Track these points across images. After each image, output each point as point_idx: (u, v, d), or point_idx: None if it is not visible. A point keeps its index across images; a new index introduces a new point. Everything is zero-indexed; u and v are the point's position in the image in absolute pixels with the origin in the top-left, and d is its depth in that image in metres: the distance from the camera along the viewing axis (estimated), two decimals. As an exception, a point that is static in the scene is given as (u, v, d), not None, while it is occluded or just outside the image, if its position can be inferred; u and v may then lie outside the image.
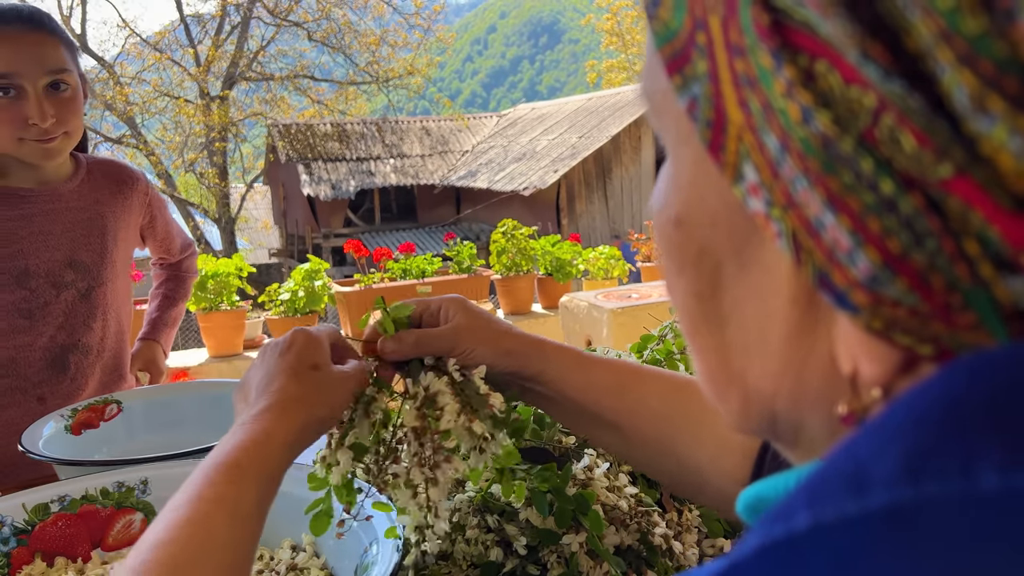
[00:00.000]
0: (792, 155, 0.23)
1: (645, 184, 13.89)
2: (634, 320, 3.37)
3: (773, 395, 0.28)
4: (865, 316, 0.23)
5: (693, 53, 0.26)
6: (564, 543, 0.72)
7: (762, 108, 0.23)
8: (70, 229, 1.36)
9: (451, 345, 0.64)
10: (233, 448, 0.53)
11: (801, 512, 0.20)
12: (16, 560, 0.80)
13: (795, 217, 0.23)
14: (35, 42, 1.24)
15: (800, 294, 0.25)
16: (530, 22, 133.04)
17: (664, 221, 0.30)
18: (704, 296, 0.30)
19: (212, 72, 15.20)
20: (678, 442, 0.63)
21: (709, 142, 0.26)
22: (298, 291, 3.75)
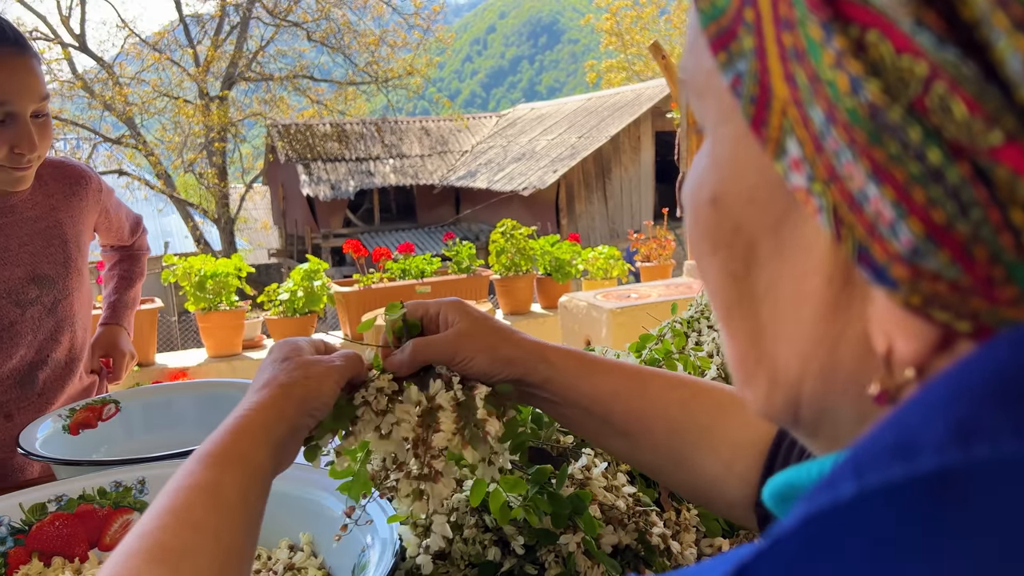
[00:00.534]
0: (838, 127, 0.23)
1: (644, 184, 13.89)
2: (633, 320, 3.37)
3: (801, 377, 0.28)
4: (904, 291, 0.23)
5: (740, 30, 0.26)
6: (562, 543, 0.72)
7: (809, 81, 0.23)
8: (28, 242, 1.30)
9: (451, 353, 0.63)
10: (210, 440, 0.54)
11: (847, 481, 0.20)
12: (13, 560, 0.80)
13: (837, 191, 0.23)
14: (26, 68, 1.18)
15: (836, 271, 0.25)
16: (529, 22, 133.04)
17: (700, 200, 0.30)
18: (738, 275, 0.30)
19: (211, 72, 15.19)
20: (690, 448, 0.62)
21: (752, 117, 0.26)
22: (297, 291, 3.75)
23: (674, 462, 0.63)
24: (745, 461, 0.60)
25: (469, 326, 0.65)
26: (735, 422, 0.61)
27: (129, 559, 0.45)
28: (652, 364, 1.02)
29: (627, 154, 13.70)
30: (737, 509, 0.61)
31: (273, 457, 0.55)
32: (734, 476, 0.60)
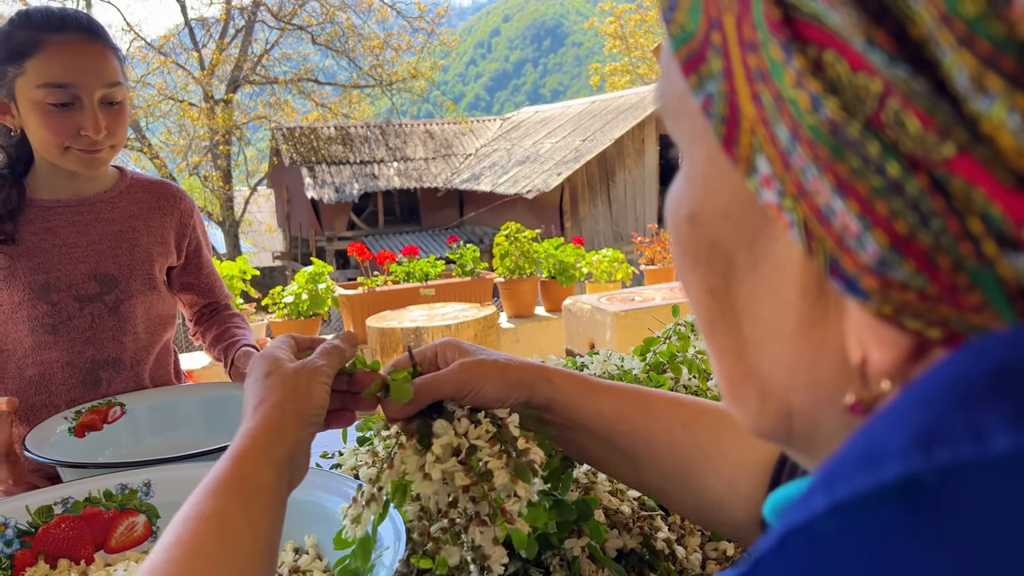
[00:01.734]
0: (802, 144, 0.23)
1: (648, 187, 13.88)
2: (637, 323, 3.37)
3: (788, 389, 0.29)
4: (875, 301, 0.23)
5: (708, 52, 0.27)
6: (566, 547, 0.72)
7: (774, 100, 0.24)
8: (96, 241, 1.33)
9: (459, 386, 0.62)
10: (216, 469, 0.54)
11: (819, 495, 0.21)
12: (19, 562, 0.80)
13: (806, 206, 0.24)
14: (95, 53, 1.24)
15: (810, 285, 0.26)
16: (533, 25, 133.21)
17: (678, 218, 0.31)
18: (718, 291, 0.30)
19: (216, 76, 15.25)
20: (693, 468, 0.62)
21: (723, 137, 0.27)
22: (302, 294, 3.76)
23: (678, 483, 0.63)
24: (748, 480, 0.59)
25: (471, 359, 0.64)
26: (738, 441, 0.61)
27: None
28: (657, 367, 1.02)
29: (631, 157, 13.70)
30: (741, 529, 0.61)
31: (280, 476, 0.55)
32: (737, 496, 0.60)
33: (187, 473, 0.89)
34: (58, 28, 1.21)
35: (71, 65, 1.21)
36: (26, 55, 1.20)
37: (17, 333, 1.29)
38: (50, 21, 1.22)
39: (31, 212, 1.29)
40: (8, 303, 1.28)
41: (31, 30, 1.21)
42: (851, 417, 0.26)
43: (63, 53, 1.21)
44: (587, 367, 1.11)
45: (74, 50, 1.22)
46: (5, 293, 1.28)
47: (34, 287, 1.28)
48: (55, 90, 1.21)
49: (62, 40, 1.21)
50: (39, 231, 1.29)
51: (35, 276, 1.28)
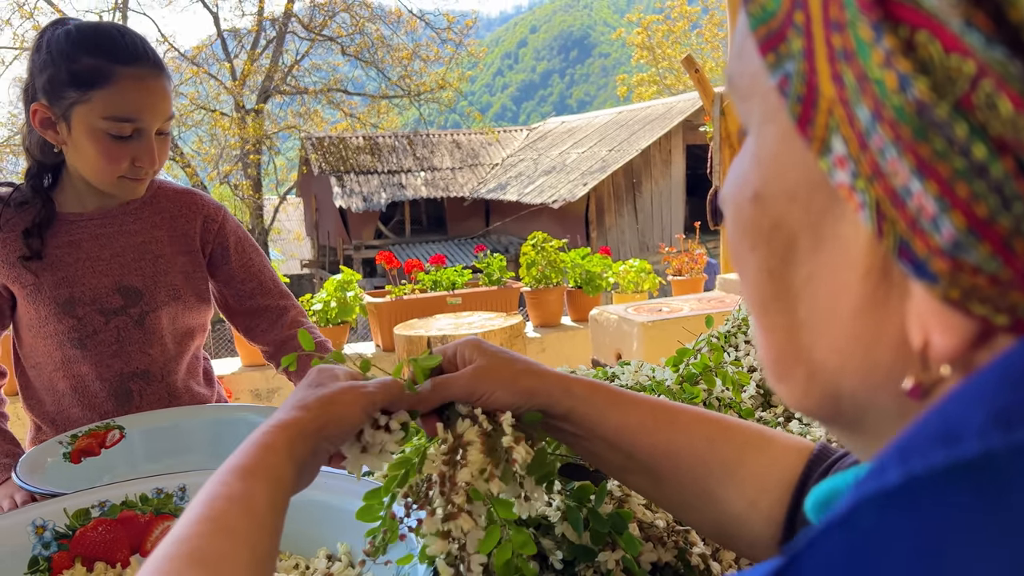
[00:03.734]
0: (884, 124, 0.23)
1: (675, 198, 13.82)
2: (665, 334, 3.35)
3: (840, 371, 0.29)
4: (943, 285, 0.23)
5: (789, 32, 0.27)
6: (601, 560, 0.71)
7: (856, 80, 0.24)
8: (120, 254, 1.31)
9: (469, 389, 0.63)
10: (239, 453, 0.55)
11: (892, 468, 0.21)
12: (57, 564, 0.82)
13: (880, 187, 0.24)
14: (160, 89, 1.23)
15: (875, 267, 0.26)
16: (560, 36, 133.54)
17: (741, 198, 0.31)
18: (776, 272, 0.30)
19: (247, 86, 15.48)
20: (715, 484, 0.61)
21: (799, 116, 0.27)
22: (330, 301, 3.79)
23: (698, 498, 0.62)
24: (770, 499, 0.59)
25: (487, 362, 0.64)
26: (762, 459, 0.60)
27: (169, 562, 0.46)
28: (690, 379, 1.01)
29: (658, 167, 13.65)
30: (759, 548, 0.60)
31: (296, 475, 0.56)
32: (758, 514, 0.59)
33: (221, 478, 0.90)
34: (130, 61, 1.19)
35: (140, 101, 1.20)
36: (95, 85, 1.18)
37: (47, 347, 1.29)
38: (123, 53, 1.19)
39: (56, 226, 1.28)
40: (35, 318, 1.27)
41: (101, 59, 1.18)
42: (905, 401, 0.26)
43: (134, 88, 1.20)
44: (617, 378, 1.10)
45: (144, 86, 1.21)
46: (32, 308, 1.27)
47: (59, 301, 1.26)
48: (121, 124, 1.20)
49: (134, 74, 1.19)
50: (62, 245, 1.27)
51: (60, 290, 1.26)
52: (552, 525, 0.73)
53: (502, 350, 0.66)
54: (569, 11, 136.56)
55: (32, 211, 1.26)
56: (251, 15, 15.93)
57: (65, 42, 1.19)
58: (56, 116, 1.21)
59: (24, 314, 1.28)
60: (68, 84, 1.18)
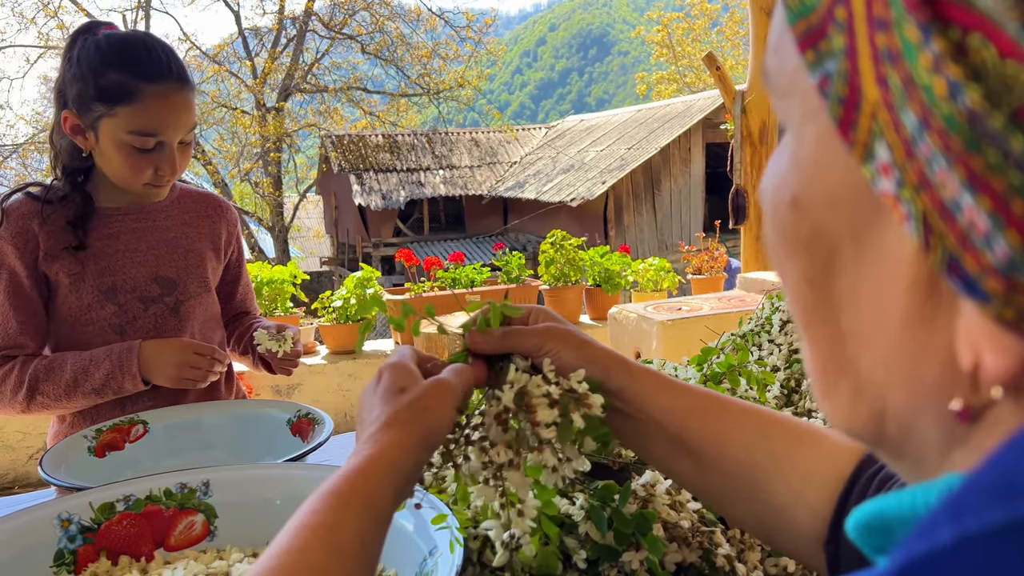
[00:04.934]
0: (932, 133, 0.22)
1: (694, 196, 13.74)
2: (684, 333, 3.33)
3: (886, 386, 0.27)
4: (996, 305, 0.22)
5: (830, 28, 0.25)
6: (625, 560, 0.70)
7: (903, 84, 0.22)
8: (155, 247, 1.39)
9: (539, 344, 0.63)
10: (337, 477, 0.52)
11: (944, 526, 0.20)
12: (82, 558, 0.82)
13: (928, 199, 0.22)
14: (184, 103, 1.27)
15: (921, 281, 0.24)
16: (579, 34, 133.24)
17: (779, 201, 0.30)
18: (816, 282, 0.29)
19: (268, 84, 15.59)
20: (761, 474, 0.60)
21: (840, 119, 0.25)
22: (350, 299, 3.80)
23: (743, 488, 0.61)
24: (818, 493, 0.57)
25: (557, 325, 0.66)
26: (810, 454, 0.59)
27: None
28: (714, 378, 1.00)
29: (677, 166, 13.58)
30: (803, 544, 0.58)
31: (397, 496, 0.54)
32: (804, 508, 0.58)
33: (245, 474, 0.90)
34: (155, 78, 1.23)
35: (163, 117, 1.25)
36: (121, 101, 1.23)
37: (86, 335, 1.33)
38: (148, 69, 1.23)
39: (95, 219, 1.34)
40: (77, 306, 1.32)
41: (127, 75, 1.22)
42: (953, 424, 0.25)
43: (158, 104, 1.24)
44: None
45: (168, 102, 1.25)
46: (74, 296, 1.32)
47: (102, 289, 1.33)
48: (144, 138, 1.25)
49: (158, 91, 1.24)
50: (103, 237, 1.34)
51: (103, 279, 1.33)
52: (576, 524, 0.72)
53: (568, 322, 0.68)
54: (588, 9, 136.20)
55: (72, 206, 1.32)
56: (272, 13, 16.04)
57: (94, 56, 1.24)
58: (85, 125, 1.27)
59: (64, 304, 1.33)
60: (95, 99, 1.23)
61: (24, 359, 1.29)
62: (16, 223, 1.29)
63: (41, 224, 1.29)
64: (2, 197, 1.33)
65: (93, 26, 1.29)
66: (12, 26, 18.31)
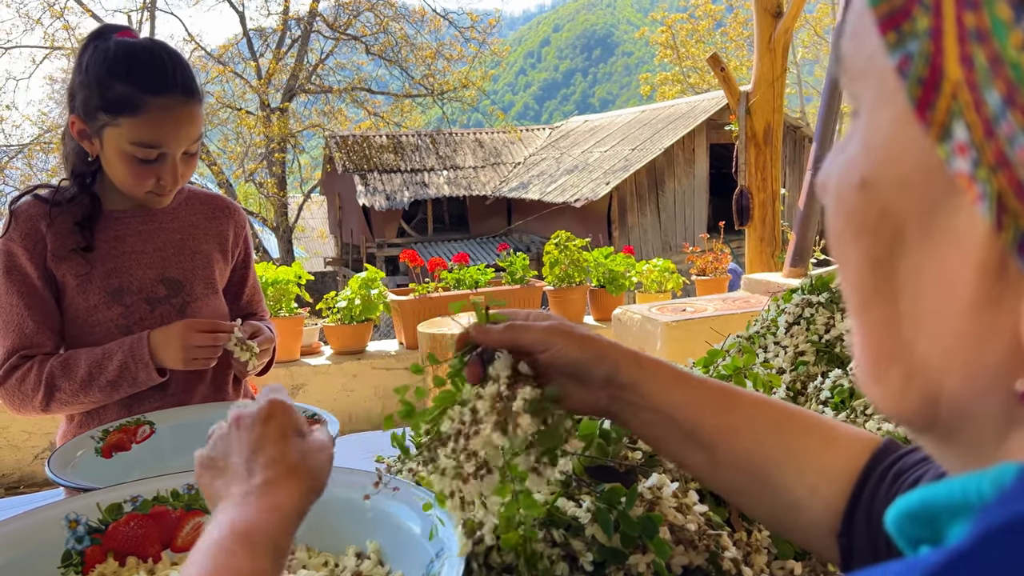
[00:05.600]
0: (1016, 111, 0.22)
1: (698, 197, 13.73)
2: (689, 334, 3.32)
3: (942, 371, 0.27)
4: None
5: (915, 9, 0.25)
6: (631, 562, 0.71)
7: (989, 63, 0.23)
8: (161, 248, 1.39)
9: (542, 339, 0.63)
10: (244, 523, 0.52)
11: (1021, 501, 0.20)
12: (90, 558, 0.82)
13: (1005, 177, 0.23)
14: (189, 116, 1.27)
15: (990, 262, 0.24)
16: (583, 35, 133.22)
17: (848, 184, 0.30)
18: (881, 263, 0.29)
19: (273, 85, 15.62)
20: (774, 467, 0.60)
21: (918, 100, 0.25)
22: (355, 299, 3.80)
23: (756, 482, 0.61)
24: (831, 487, 0.57)
25: (561, 323, 0.65)
26: (824, 447, 0.59)
27: None
28: (720, 380, 1.00)
29: (681, 167, 13.57)
30: (817, 537, 0.59)
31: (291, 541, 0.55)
32: (818, 501, 0.58)
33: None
34: (160, 91, 1.23)
35: (166, 130, 1.25)
36: (124, 113, 1.23)
37: (93, 336, 1.34)
38: (153, 82, 1.23)
39: (102, 221, 1.35)
40: (84, 307, 1.33)
41: (132, 87, 1.22)
42: (1014, 406, 0.25)
43: (161, 118, 1.24)
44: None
45: (172, 116, 1.25)
46: (81, 298, 1.33)
47: (108, 290, 1.33)
48: (147, 149, 1.25)
49: (162, 104, 1.23)
50: (109, 239, 1.35)
51: (109, 280, 1.34)
52: (582, 526, 0.72)
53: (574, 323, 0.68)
54: (592, 10, 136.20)
55: (79, 207, 1.33)
56: (277, 14, 16.07)
57: (102, 66, 1.24)
58: (90, 131, 1.27)
59: (71, 304, 1.33)
60: (100, 108, 1.24)
61: (42, 358, 1.30)
62: (24, 225, 1.30)
63: (49, 225, 1.30)
64: (11, 199, 1.35)
65: (108, 30, 1.29)
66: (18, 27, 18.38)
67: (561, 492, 0.77)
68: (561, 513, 0.73)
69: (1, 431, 3.55)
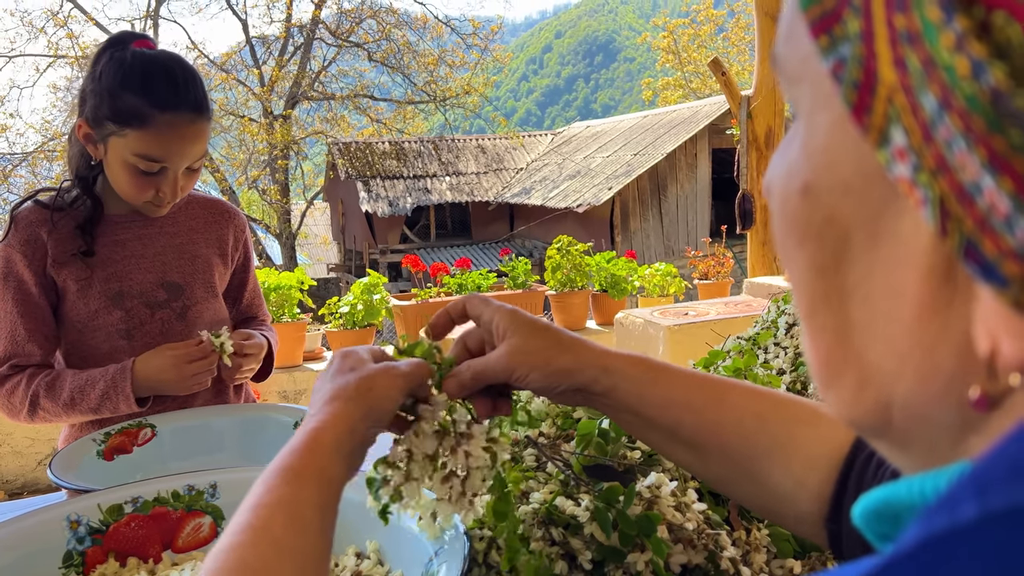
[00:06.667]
0: (952, 114, 0.21)
1: (701, 201, 13.72)
2: (691, 338, 3.32)
3: (895, 376, 0.27)
4: (1015, 290, 0.21)
5: (845, 12, 0.25)
6: (629, 561, 0.71)
7: (922, 65, 0.22)
8: (161, 253, 1.40)
9: (507, 373, 0.63)
10: (287, 453, 0.54)
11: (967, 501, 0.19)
12: (91, 559, 0.83)
13: (946, 182, 0.22)
14: (195, 133, 1.27)
15: (937, 267, 0.24)
16: (585, 41, 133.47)
17: (789, 190, 0.29)
18: (827, 270, 0.28)
19: (275, 92, 15.66)
20: (762, 461, 0.59)
21: (854, 104, 0.25)
22: (357, 304, 3.81)
23: (744, 476, 0.61)
24: (819, 476, 0.57)
25: (521, 341, 0.63)
26: (811, 436, 0.59)
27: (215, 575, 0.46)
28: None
29: (683, 171, 13.57)
30: (806, 524, 0.59)
31: (347, 469, 0.56)
32: (806, 491, 0.58)
33: (252, 476, 0.90)
34: (169, 107, 1.23)
35: (171, 146, 1.25)
36: (131, 125, 1.23)
37: (94, 340, 1.34)
38: (164, 97, 1.23)
39: (102, 225, 1.36)
40: (85, 311, 1.33)
41: (143, 101, 1.22)
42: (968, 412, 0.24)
43: (167, 134, 1.24)
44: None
45: (178, 133, 1.25)
46: (82, 302, 1.33)
47: (109, 295, 1.34)
48: (149, 162, 1.26)
49: (170, 120, 1.23)
50: (109, 243, 1.36)
51: (110, 285, 1.34)
52: (581, 525, 0.72)
53: (537, 322, 0.65)
54: (594, 16, 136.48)
55: (80, 211, 1.34)
56: (279, 22, 16.12)
57: (116, 75, 1.24)
58: (96, 137, 1.28)
59: (72, 309, 1.34)
60: (108, 117, 1.24)
61: (31, 373, 1.30)
62: (25, 231, 1.30)
63: (49, 232, 1.31)
64: (12, 205, 1.36)
65: (126, 38, 1.29)
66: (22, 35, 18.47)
67: (560, 491, 0.77)
68: (560, 512, 0.74)
69: (5, 437, 3.56)
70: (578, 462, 0.80)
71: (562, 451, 0.84)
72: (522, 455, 0.85)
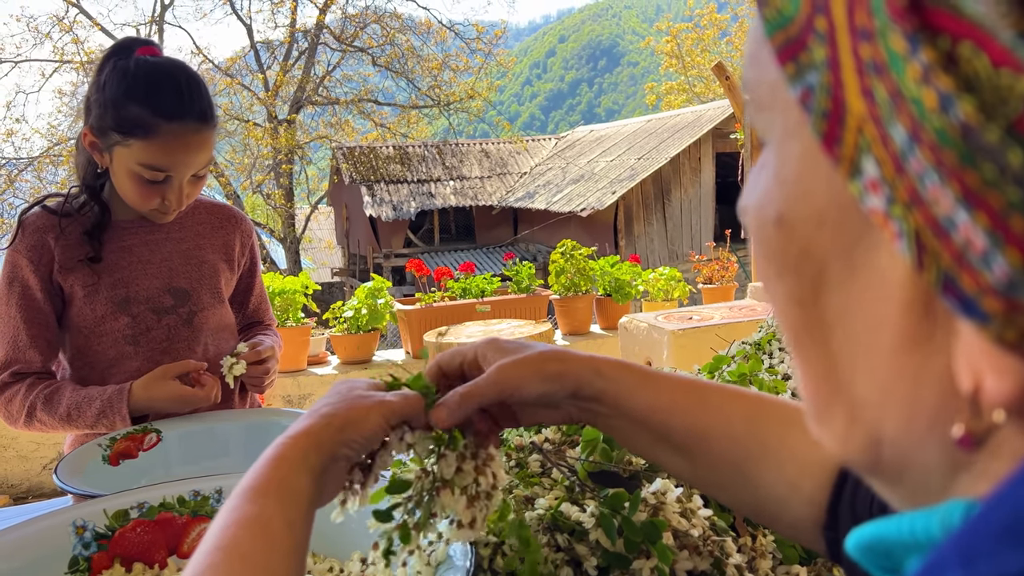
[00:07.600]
0: (923, 147, 0.21)
1: (705, 206, 13.72)
2: (695, 342, 3.32)
3: (882, 415, 0.26)
4: (996, 326, 0.20)
5: (810, 39, 0.24)
6: (635, 567, 0.71)
7: (890, 97, 0.21)
8: (168, 258, 1.40)
9: (498, 390, 0.61)
10: (252, 472, 0.54)
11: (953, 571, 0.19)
12: (96, 564, 0.83)
13: (920, 216, 0.21)
14: (200, 142, 1.27)
15: (916, 302, 0.23)
16: (589, 46, 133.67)
17: (763, 220, 0.28)
18: (806, 302, 0.27)
19: (280, 96, 15.72)
20: (753, 465, 0.59)
21: (824, 134, 0.24)
22: (361, 309, 3.81)
23: (736, 480, 0.60)
24: (813, 480, 0.56)
25: (507, 357, 0.63)
26: (803, 439, 0.57)
27: None
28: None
29: (687, 175, 13.58)
30: (802, 530, 0.58)
31: (313, 484, 0.55)
32: (800, 496, 0.57)
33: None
34: (174, 117, 1.23)
35: (175, 156, 1.26)
36: (135, 135, 1.23)
37: (100, 346, 1.35)
38: (169, 107, 1.23)
39: (109, 231, 1.36)
40: (91, 317, 1.34)
41: (147, 111, 1.22)
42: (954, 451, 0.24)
43: (172, 143, 1.24)
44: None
45: (183, 143, 1.25)
46: (88, 308, 1.33)
47: (115, 300, 1.34)
48: (154, 172, 1.26)
49: (175, 130, 1.23)
50: (116, 249, 1.36)
51: (116, 290, 1.34)
52: (586, 531, 0.72)
53: (520, 343, 0.65)
54: (598, 20, 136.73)
55: (87, 217, 1.34)
56: (284, 27, 16.20)
57: (119, 85, 1.24)
58: (101, 146, 1.29)
59: (78, 315, 1.34)
60: (112, 127, 1.25)
61: (31, 382, 1.31)
62: (32, 237, 1.31)
63: (56, 238, 1.31)
64: (21, 210, 1.36)
65: (130, 45, 1.29)
66: (28, 41, 18.58)
67: (565, 497, 0.77)
68: (565, 518, 0.74)
69: (10, 442, 3.56)
70: (583, 468, 0.80)
71: (567, 457, 0.84)
72: (527, 461, 0.85)
